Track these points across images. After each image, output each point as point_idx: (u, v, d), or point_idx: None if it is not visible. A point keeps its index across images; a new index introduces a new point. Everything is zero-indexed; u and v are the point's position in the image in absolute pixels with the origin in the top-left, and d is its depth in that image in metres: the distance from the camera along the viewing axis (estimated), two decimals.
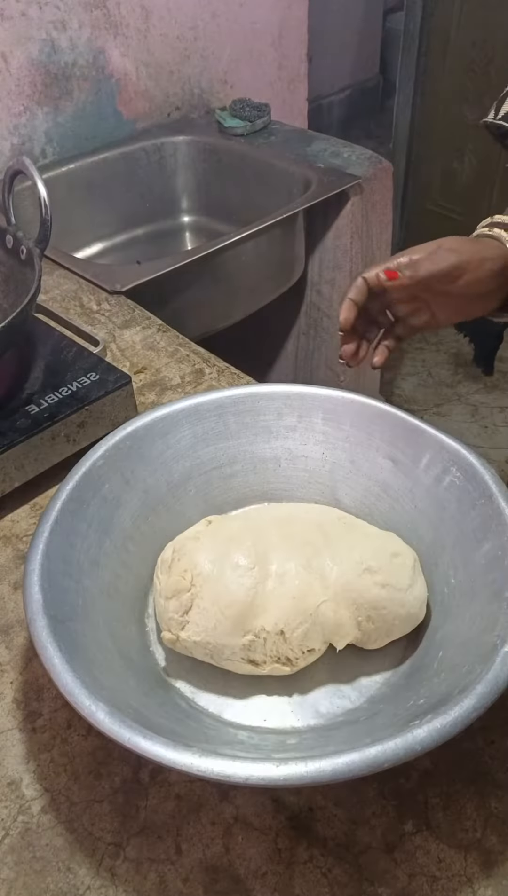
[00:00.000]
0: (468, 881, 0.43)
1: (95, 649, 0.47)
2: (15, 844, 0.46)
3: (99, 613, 0.50)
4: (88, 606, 0.49)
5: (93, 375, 0.72)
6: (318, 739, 0.47)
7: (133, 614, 0.55)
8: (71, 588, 0.49)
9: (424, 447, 0.57)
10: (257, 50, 1.53)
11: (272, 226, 1.15)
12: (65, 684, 0.41)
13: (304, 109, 1.71)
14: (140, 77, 1.38)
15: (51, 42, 1.23)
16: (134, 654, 0.51)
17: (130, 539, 0.56)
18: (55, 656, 0.42)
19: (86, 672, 0.43)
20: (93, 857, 0.45)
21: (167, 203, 1.49)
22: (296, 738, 0.48)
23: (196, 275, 1.10)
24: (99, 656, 0.46)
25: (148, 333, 0.91)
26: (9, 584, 0.62)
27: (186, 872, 0.44)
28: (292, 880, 0.44)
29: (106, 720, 0.40)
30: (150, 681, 0.50)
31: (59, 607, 0.46)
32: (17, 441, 0.66)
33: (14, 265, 0.74)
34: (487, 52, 1.94)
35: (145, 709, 0.44)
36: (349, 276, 1.39)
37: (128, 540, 0.56)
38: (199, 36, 1.42)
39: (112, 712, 0.40)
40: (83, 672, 0.42)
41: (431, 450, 0.56)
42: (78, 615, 0.48)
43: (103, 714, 0.40)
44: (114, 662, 0.48)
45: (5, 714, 0.53)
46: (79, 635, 0.46)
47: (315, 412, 0.61)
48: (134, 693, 0.46)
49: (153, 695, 0.48)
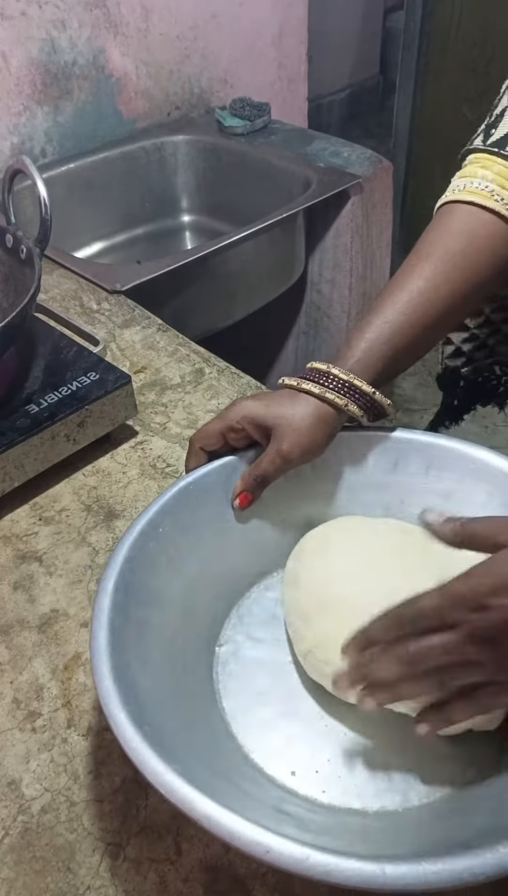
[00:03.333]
0: None
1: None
2: (15, 844, 0.46)
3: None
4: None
5: (93, 375, 0.72)
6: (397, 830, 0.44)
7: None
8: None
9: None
10: (257, 49, 1.53)
11: (272, 225, 1.15)
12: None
13: (304, 109, 1.71)
14: (140, 76, 1.38)
15: (51, 41, 1.23)
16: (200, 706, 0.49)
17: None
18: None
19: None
20: (93, 858, 0.45)
21: (167, 202, 1.49)
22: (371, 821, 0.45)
23: (196, 274, 1.10)
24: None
25: (148, 333, 0.91)
26: (9, 584, 0.62)
27: (186, 872, 0.44)
28: (292, 880, 0.44)
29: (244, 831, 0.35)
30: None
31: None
32: (16, 441, 0.66)
33: (14, 264, 0.74)
34: (487, 52, 1.94)
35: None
36: (349, 275, 1.39)
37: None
38: (199, 35, 1.42)
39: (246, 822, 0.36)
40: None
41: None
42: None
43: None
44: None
45: (5, 714, 0.53)
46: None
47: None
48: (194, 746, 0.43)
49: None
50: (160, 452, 0.74)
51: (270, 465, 0.55)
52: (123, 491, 0.70)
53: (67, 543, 0.65)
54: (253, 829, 0.35)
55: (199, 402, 0.80)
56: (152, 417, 0.78)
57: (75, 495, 0.70)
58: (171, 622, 0.50)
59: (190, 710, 0.47)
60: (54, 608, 0.60)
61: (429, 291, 0.55)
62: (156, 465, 0.72)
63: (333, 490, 0.60)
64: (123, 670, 0.42)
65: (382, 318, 0.55)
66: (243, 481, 0.56)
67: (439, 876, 0.33)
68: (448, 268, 0.56)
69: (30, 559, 0.64)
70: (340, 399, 0.54)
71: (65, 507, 0.69)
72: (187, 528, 0.54)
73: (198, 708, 0.49)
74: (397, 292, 0.56)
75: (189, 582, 0.53)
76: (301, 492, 0.59)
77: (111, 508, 0.68)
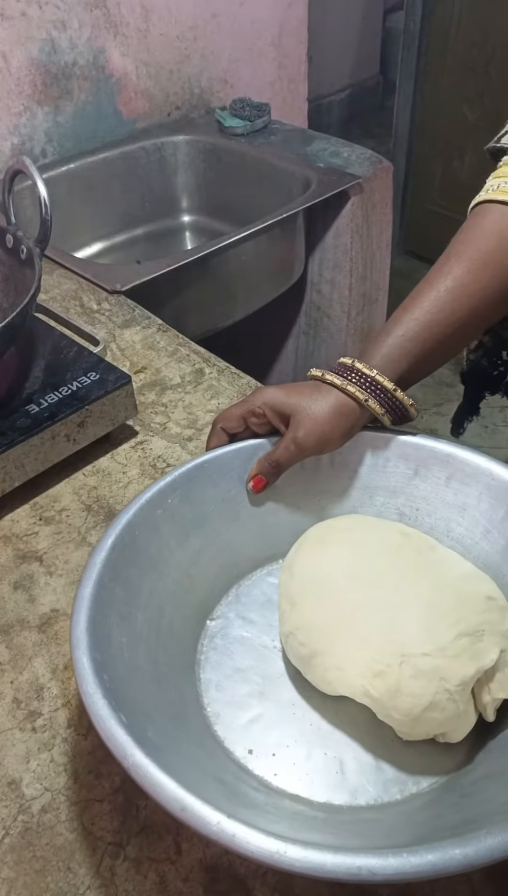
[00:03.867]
0: (467, 881, 0.43)
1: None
2: (15, 844, 0.46)
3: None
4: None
5: (93, 375, 0.72)
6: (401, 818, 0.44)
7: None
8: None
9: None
10: (257, 49, 1.53)
11: (272, 225, 1.15)
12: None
13: (304, 109, 1.71)
14: (140, 76, 1.38)
15: (51, 42, 1.23)
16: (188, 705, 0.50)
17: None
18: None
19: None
20: (93, 857, 0.45)
21: (167, 203, 1.49)
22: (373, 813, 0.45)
23: (196, 274, 1.10)
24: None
25: (148, 333, 0.91)
26: (9, 584, 0.62)
27: (186, 872, 0.44)
28: (292, 879, 0.44)
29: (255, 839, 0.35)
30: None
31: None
32: (17, 440, 0.66)
33: (14, 265, 0.74)
34: (487, 52, 1.94)
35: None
36: (349, 275, 1.39)
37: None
38: (199, 35, 1.42)
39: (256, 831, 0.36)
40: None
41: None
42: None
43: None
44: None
45: (5, 714, 0.53)
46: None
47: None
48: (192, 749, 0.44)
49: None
50: (160, 452, 0.74)
51: (284, 451, 0.56)
52: (123, 491, 0.70)
53: (67, 543, 0.65)
54: (175, 786, 0.36)
55: (199, 402, 0.80)
56: (152, 417, 0.78)
57: (75, 495, 0.70)
58: (164, 589, 0.52)
59: (163, 673, 0.48)
60: (54, 608, 0.60)
61: (457, 290, 0.55)
62: (156, 465, 0.72)
63: (349, 488, 0.60)
64: (100, 622, 0.45)
65: (409, 315, 0.55)
66: (258, 465, 0.57)
67: (336, 867, 0.33)
68: (478, 267, 0.55)
69: (30, 559, 0.64)
70: (361, 393, 0.54)
71: (65, 507, 0.69)
72: (197, 503, 0.56)
73: (173, 673, 0.50)
74: (426, 291, 0.56)
75: (191, 555, 0.55)
76: (317, 486, 0.60)
77: (111, 508, 0.68)
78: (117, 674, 0.43)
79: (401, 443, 0.58)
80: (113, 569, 0.48)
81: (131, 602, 0.49)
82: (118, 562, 0.49)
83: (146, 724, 0.41)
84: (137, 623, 0.49)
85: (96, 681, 0.41)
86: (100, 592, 0.46)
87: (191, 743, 0.46)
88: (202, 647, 0.54)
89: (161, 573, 0.52)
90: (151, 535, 0.52)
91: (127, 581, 0.49)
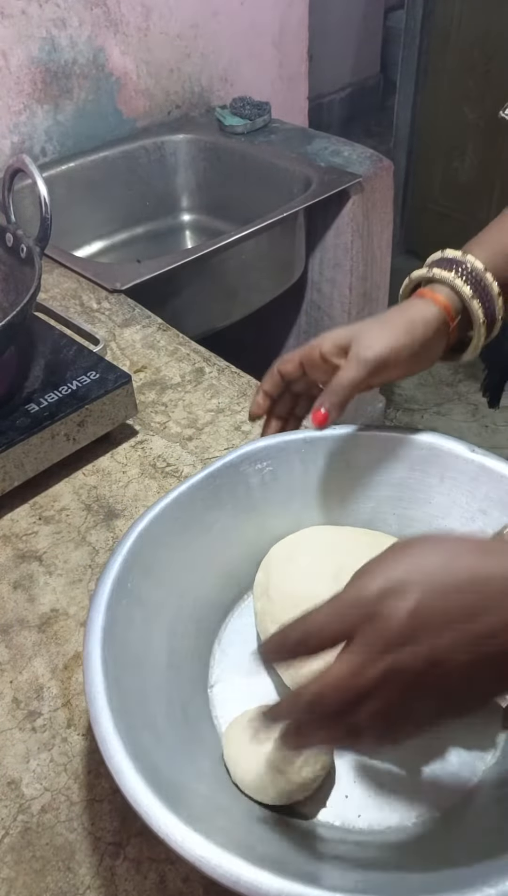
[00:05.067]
0: None
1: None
2: (15, 844, 0.46)
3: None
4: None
5: (93, 374, 0.72)
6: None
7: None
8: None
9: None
10: (257, 48, 1.53)
11: (273, 224, 1.15)
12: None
13: (304, 108, 1.71)
14: (140, 75, 1.38)
15: (51, 40, 1.23)
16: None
17: None
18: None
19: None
20: (93, 857, 0.45)
21: (167, 201, 1.48)
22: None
23: (196, 274, 1.10)
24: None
25: (148, 332, 0.90)
26: (8, 584, 0.62)
27: (186, 872, 0.44)
28: None
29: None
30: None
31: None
32: (16, 440, 0.65)
33: (14, 263, 0.74)
34: (487, 51, 1.94)
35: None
36: (349, 274, 1.39)
37: None
38: (199, 34, 1.42)
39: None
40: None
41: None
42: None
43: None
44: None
45: (5, 714, 0.53)
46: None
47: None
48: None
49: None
50: (160, 452, 0.74)
51: (344, 372, 0.50)
52: (123, 490, 0.70)
53: (66, 543, 0.65)
54: (160, 806, 0.36)
55: (199, 402, 0.79)
56: (152, 417, 0.78)
57: (75, 495, 0.70)
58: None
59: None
60: (54, 608, 0.60)
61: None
62: (156, 465, 0.72)
63: (372, 494, 0.58)
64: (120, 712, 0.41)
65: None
66: (320, 397, 0.51)
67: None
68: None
69: (30, 559, 0.64)
70: (466, 288, 0.51)
71: (65, 507, 0.69)
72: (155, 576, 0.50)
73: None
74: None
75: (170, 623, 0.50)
76: (352, 493, 0.57)
77: (111, 508, 0.68)
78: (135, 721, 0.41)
79: (400, 444, 0.57)
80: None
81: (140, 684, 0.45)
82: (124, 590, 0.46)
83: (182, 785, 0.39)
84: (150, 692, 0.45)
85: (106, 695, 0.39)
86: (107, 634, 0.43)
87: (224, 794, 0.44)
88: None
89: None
90: (129, 629, 0.46)
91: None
